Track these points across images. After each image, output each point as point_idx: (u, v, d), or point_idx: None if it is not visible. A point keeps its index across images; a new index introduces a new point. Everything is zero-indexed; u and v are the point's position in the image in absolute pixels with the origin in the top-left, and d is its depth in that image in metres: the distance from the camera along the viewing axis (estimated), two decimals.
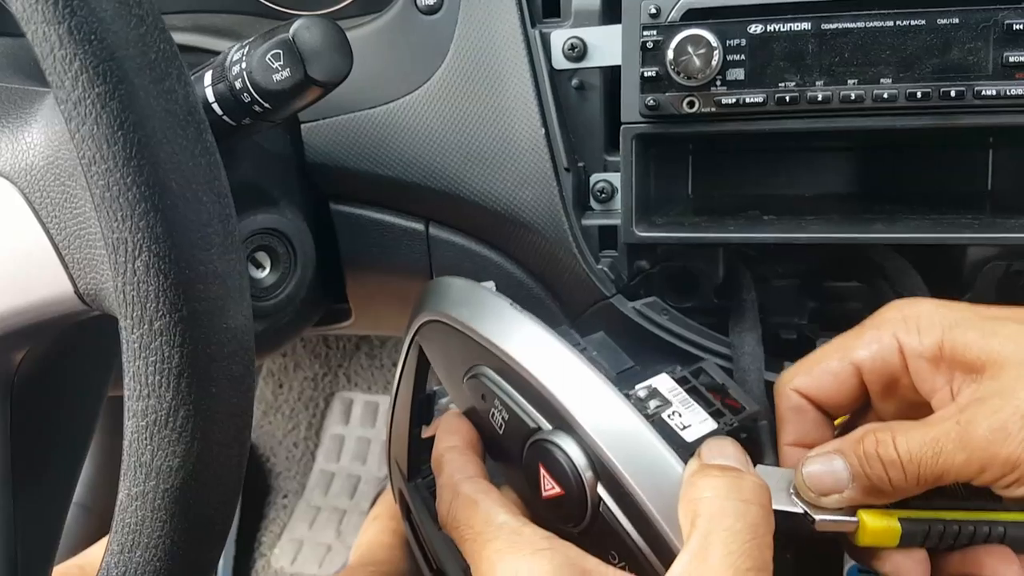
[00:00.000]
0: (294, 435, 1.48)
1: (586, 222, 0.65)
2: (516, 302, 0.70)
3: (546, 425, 0.45)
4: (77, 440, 0.54)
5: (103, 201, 0.35)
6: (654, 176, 0.66)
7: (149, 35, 0.35)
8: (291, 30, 0.46)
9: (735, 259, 0.68)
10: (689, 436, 0.46)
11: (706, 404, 0.49)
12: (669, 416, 0.47)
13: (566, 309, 0.68)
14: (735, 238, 0.59)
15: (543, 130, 0.64)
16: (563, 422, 0.44)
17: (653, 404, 0.48)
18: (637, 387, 0.48)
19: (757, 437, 0.52)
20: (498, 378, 0.48)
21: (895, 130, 0.56)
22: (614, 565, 0.43)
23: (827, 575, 0.86)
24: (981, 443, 0.39)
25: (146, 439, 0.37)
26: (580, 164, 0.66)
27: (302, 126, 0.69)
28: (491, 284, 0.53)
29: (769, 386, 0.60)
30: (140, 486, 0.38)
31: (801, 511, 0.43)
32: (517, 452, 0.47)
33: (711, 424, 0.48)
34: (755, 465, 0.46)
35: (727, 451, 0.42)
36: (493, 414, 0.48)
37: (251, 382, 0.39)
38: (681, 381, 0.50)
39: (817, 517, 0.43)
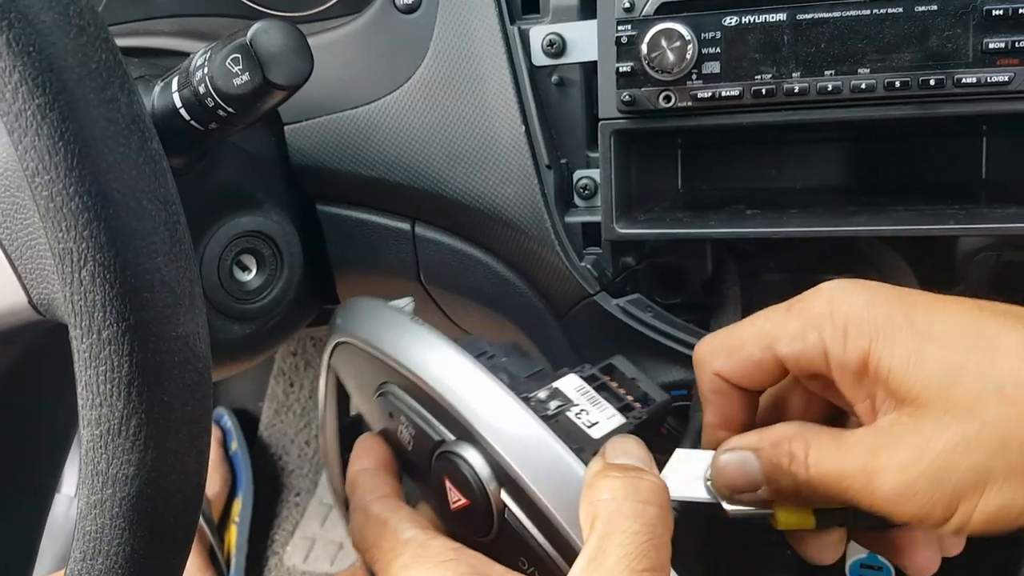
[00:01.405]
0: (306, 433, 1.49)
1: (569, 219, 0.64)
2: (502, 300, 0.70)
3: (449, 436, 0.45)
4: (52, 450, 0.55)
5: (47, 212, 0.35)
6: (639, 171, 0.65)
7: (90, 45, 0.35)
8: (248, 34, 0.46)
9: (723, 253, 0.67)
10: (596, 433, 0.46)
11: (615, 399, 0.48)
12: (576, 415, 0.46)
13: (551, 307, 0.68)
14: (716, 234, 0.58)
15: (523, 127, 0.63)
16: (464, 431, 0.44)
17: (554, 404, 0.47)
18: (538, 390, 0.48)
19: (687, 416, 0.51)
20: (403, 394, 0.47)
21: (875, 121, 0.55)
22: (524, 571, 0.43)
23: (829, 571, 0.85)
24: (885, 498, 0.37)
25: (101, 448, 0.38)
26: (563, 161, 0.65)
27: (285, 128, 0.69)
28: (408, 300, 0.52)
29: None
30: (98, 494, 0.38)
31: (714, 501, 0.43)
32: (426, 466, 0.46)
33: (619, 419, 0.47)
34: (676, 447, 0.46)
35: (630, 450, 0.41)
36: (401, 431, 0.48)
37: (206, 390, 0.39)
38: (590, 379, 0.49)
39: (729, 508, 0.42)
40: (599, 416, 0.47)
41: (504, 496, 0.43)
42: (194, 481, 0.40)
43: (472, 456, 0.44)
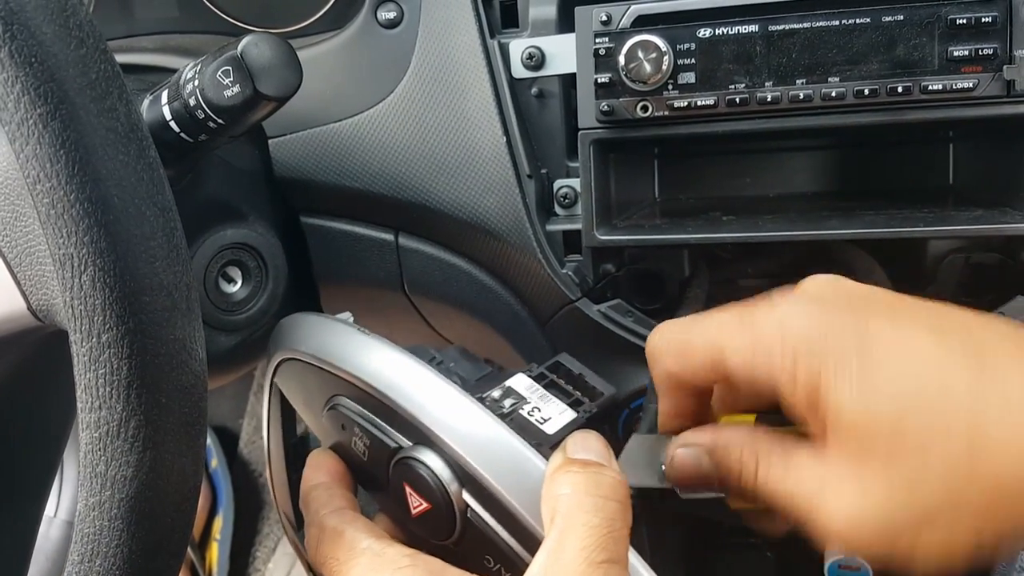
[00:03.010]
0: None
1: (550, 227, 0.66)
2: (486, 308, 0.71)
3: (406, 442, 0.45)
4: (42, 466, 0.55)
5: (49, 218, 0.36)
6: (617, 180, 0.66)
7: (89, 56, 0.36)
8: (239, 47, 0.47)
9: (699, 260, 0.68)
10: (550, 429, 0.46)
11: (564, 395, 0.50)
12: (529, 413, 0.47)
13: (534, 314, 0.69)
14: (693, 239, 0.60)
15: (504, 138, 0.65)
16: (422, 436, 0.44)
17: (508, 403, 0.48)
18: (491, 390, 0.48)
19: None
20: (355, 405, 0.47)
21: (846, 128, 0.57)
22: (490, 569, 0.43)
23: (808, 572, 0.86)
24: (830, 530, 0.37)
25: (100, 450, 0.38)
26: (543, 171, 0.67)
27: (270, 141, 0.70)
28: (347, 315, 0.52)
29: None
30: (96, 496, 0.39)
31: (668, 487, 0.44)
32: (384, 475, 0.46)
33: (571, 414, 0.48)
34: (632, 432, 0.47)
35: (591, 445, 0.42)
36: (355, 442, 0.48)
37: (202, 392, 0.40)
38: (538, 377, 0.50)
39: (683, 495, 0.44)
40: (551, 412, 0.48)
41: (466, 496, 0.43)
42: (191, 482, 0.41)
43: (431, 459, 0.44)
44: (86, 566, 0.40)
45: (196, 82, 0.48)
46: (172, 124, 0.50)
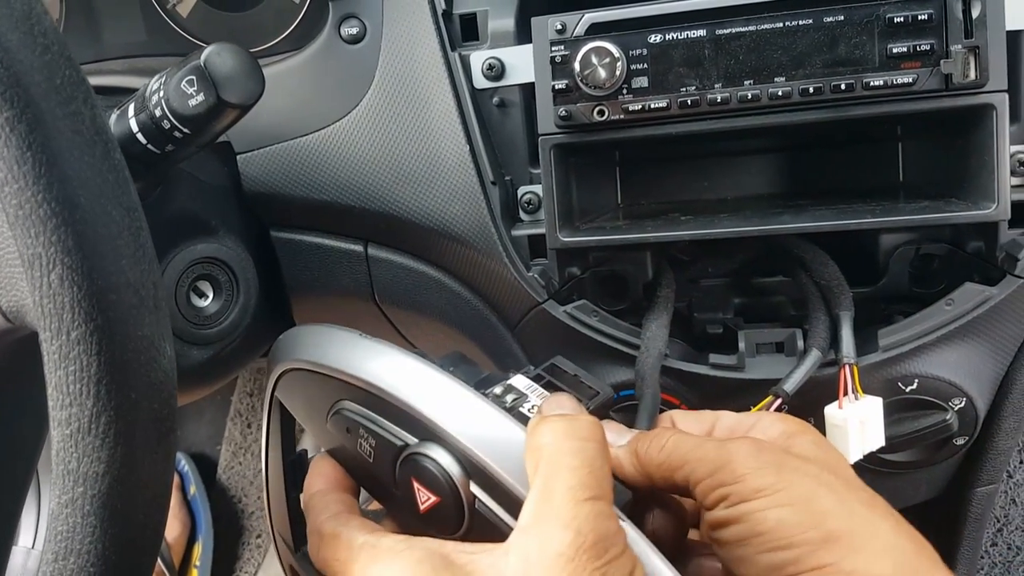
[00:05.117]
0: None
1: (515, 232, 0.67)
2: (456, 315, 0.72)
3: (412, 439, 0.46)
4: (17, 470, 0.55)
5: (17, 219, 0.37)
6: (580, 185, 0.68)
7: (54, 62, 0.37)
8: (202, 57, 0.48)
9: (662, 261, 0.70)
10: None
11: None
12: (530, 409, 0.48)
13: (503, 318, 0.70)
14: (652, 237, 0.61)
15: (468, 147, 0.66)
16: (428, 432, 0.45)
17: (510, 398, 0.49)
18: (493, 387, 0.50)
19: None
20: (359, 407, 0.48)
21: (794, 125, 0.59)
22: None
23: None
24: None
25: (71, 447, 0.39)
26: (507, 178, 0.68)
27: (238, 157, 0.71)
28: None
29: (667, 370, 0.63)
30: (69, 493, 0.40)
31: None
32: (390, 475, 0.47)
33: None
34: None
35: (564, 403, 0.45)
36: (360, 444, 0.49)
37: (172, 389, 0.41)
38: (536, 378, 0.52)
39: None
40: None
41: (474, 488, 0.44)
42: (162, 479, 0.42)
43: (438, 454, 0.45)
44: (59, 564, 0.41)
45: (161, 93, 0.49)
46: (139, 136, 0.52)
